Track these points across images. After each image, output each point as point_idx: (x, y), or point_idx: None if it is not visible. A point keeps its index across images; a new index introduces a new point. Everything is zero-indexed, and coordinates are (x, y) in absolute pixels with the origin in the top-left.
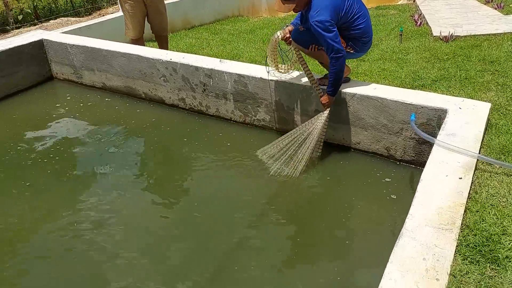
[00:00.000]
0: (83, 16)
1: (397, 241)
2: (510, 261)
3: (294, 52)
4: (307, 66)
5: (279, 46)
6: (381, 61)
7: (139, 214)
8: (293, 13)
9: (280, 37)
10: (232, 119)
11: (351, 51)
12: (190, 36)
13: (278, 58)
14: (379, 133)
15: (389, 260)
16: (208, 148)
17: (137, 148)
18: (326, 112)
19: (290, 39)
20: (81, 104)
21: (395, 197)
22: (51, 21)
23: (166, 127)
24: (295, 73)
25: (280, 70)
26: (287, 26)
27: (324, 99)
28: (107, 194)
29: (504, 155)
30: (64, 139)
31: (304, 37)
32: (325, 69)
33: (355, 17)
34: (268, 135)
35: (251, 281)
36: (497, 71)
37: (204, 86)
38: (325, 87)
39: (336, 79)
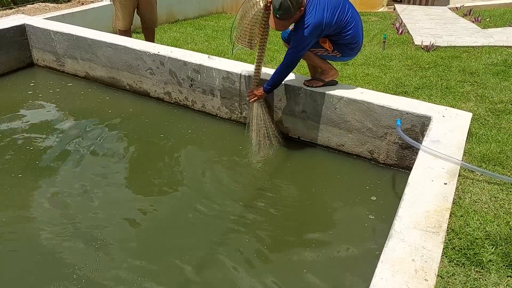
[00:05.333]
0: (61, 3)
1: (386, 241)
2: (493, 265)
3: (258, 33)
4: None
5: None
6: (365, 66)
7: (105, 203)
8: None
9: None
10: (218, 115)
11: (338, 55)
12: (174, 30)
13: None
14: (363, 136)
15: (380, 259)
16: (187, 141)
17: (111, 137)
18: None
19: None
20: (61, 92)
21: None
22: (28, 6)
23: (145, 119)
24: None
25: (252, 47)
26: None
27: (259, 91)
28: (73, 185)
29: (485, 163)
30: (38, 126)
31: None
32: (310, 72)
33: (344, 25)
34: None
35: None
36: (476, 82)
37: (191, 81)
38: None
39: (278, 78)
